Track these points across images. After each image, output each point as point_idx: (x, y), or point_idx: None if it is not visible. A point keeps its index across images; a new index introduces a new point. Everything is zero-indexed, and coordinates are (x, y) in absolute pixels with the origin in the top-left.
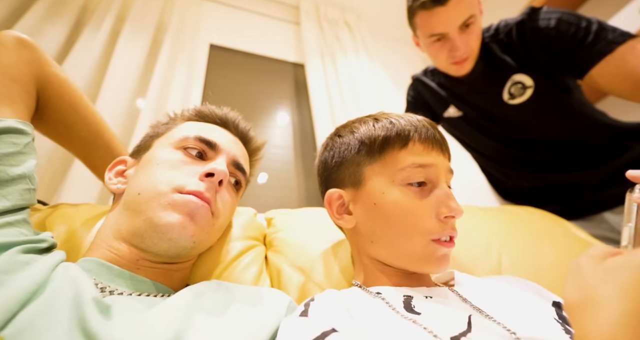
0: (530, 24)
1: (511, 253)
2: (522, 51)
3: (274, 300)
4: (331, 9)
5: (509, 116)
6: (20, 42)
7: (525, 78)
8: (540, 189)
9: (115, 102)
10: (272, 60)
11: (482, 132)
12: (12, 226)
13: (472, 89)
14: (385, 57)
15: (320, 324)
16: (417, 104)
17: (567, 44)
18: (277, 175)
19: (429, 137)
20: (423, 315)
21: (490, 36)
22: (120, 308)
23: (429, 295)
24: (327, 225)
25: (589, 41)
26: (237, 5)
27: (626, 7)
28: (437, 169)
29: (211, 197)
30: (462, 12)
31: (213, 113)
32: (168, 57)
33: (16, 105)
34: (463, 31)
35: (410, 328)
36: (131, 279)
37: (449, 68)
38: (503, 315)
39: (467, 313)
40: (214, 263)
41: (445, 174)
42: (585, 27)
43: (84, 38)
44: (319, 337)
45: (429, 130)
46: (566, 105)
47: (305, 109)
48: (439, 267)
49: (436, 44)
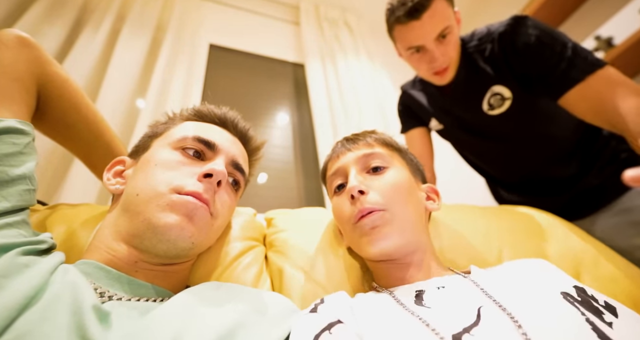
0: (511, 37)
1: (511, 252)
2: (502, 62)
3: (280, 307)
4: (331, 9)
5: (489, 127)
6: (21, 41)
7: (504, 89)
8: (527, 199)
9: (115, 102)
10: (272, 61)
11: (463, 143)
12: (11, 227)
13: (454, 98)
14: (385, 57)
15: (328, 317)
16: (407, 114)
17: (541, 67)
18: (277, 175)
19: (336, 152)
20: (433, 309)
21: (473, 46)
22: (119, 315)
23: (441, 285)
24: (327, 225)
25: (562, 67)
26: (237, 5)
27: (626, 6)
28: (344, 169)
29: (210, 198)
30: (437, 25)
31: (212, 113)
32: (168, 57)
33: (16, 105)
34: (440, 42)
35: (412, 323)
36: (129, 283)
37: (432, 78)
38: (514, 303)
39: (478, 304)
40: (214, 264)
41: (355, 163)
42: (559, 52)
43: (84, 38)
44: (326, 328)
45: (337, 146)
46: (545, 115)
47: (305, 109)
48: (371, 242)
49: (415, 56)
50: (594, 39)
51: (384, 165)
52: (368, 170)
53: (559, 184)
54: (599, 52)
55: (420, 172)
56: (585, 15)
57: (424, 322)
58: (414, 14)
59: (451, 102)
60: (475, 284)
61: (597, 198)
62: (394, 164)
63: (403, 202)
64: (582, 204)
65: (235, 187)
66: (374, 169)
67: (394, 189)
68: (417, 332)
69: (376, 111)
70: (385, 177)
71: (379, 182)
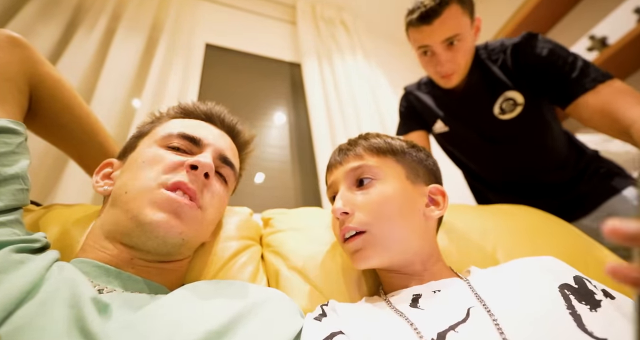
0: (525, 47)
1: (506, 251)
2: (515, 71)
3: (281, 304)
4: (327, 9)
5: (497, 131)
6: (13, 41)
7: (517, 95)
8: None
9: (110, 102)
10: (269, 60)
11: (467, 148)
12: (4, 226)
13: (464, 100)
14: (381, 56)
15: (330, 327)
16: (409, 115)
17: (554, 75)
18: (274, 175)
19: (330, 165)
20: (426, 311)
21: (487, 53)
22: (119, 306)
23: (437, 289)
24: (324, 225)
25: (574, 76)
26: (233, 5)
27: (620, 6)
28: (336, 184)
29: (196, 188)
30: (446, 31)
31: (197, 109)
32: (164, 57)
33: (8, 105)
34: (448, 48)
35: (396, 323)
36: (127, 279)
37: (438, 80)
38: (502, 307)
39: (469, 305)
40: (210, 263)
41: (344, 178)
42: (571, 62)
43: (79, 37)
44: (328, 337)
45: (332, 156)
46: (547, 126)
47: (302, 108)
48: (355, 262)
49: (425, 58)
50: (588, 38)
51: (372, 178)
52: (357, 184)
53: (554, 188)
54: (594, 51)
55: (425, 172)
56: (580, 15)
57: (409, 321)
58: (425, 18)
59: (460, 104)
60: (469, 287)
61: (583, 204)
62: (384, 174)
63: (390, 218)
64: (570, 209)
65: (226, 181)
66: (361, 182)
67: (380, 205)
68: (398, 331)
69: (372, 110)
70: (371, 192)
71: (365, 199)
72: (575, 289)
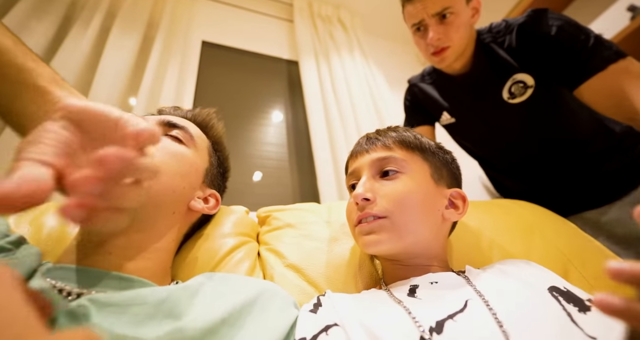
0: (531, 27)
1: (501, 247)
2: (522, 53)
3: (275, 296)
4: (325, 7)
5: (507, 116)
6: None
7: (527, 77)
8: (534, 191)
9: (106, 100)
10: (266, 58)
11: (476, 138)
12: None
13: (470, 87)
14: (379, 54)
15: (325, 319)
16: (414, 108)
17: (563, 55)
18: (272, 173)
19: (355, 151)
20: (423, 300)
21: (491, 37)
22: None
23: (434, 280)
24: (320, 222)
25: (584, 56)
26: (230, 2)
27: (614, 4)
28: (359, 171)
29: None
30: (438, 3)
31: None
32: (160, 55)
33: None
34: (441, 22)
35: (394, 311)
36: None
37: (431, 59)
38: (500, 301)
39: (467, 297)
40: (206, 259)
41: (369, 167)
42: (582, 40)
43: (73, 35)
44: (323, 330)
45: (358, 144)
46: (565, 105)
47: (300, 106)
48: (365, 245)
49: (417, 34)
50: None
51: (398, 170)
52: (381, 175)
53: (577, 171)
54: None
55: (448, 175)
56: (574, 13)
57: (407, 310)
58: None
59: (466, 91)
60: (467, 281)
61: (611, 189)
62: (410, 168)
63: (410, 211)
64: (594, 195)
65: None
66: (385, 173)
67: (402, 197)
68: (396, 320)
69: (370, 108)
70: (396, 184)
71: (388, 189)
72: (563, 292)
